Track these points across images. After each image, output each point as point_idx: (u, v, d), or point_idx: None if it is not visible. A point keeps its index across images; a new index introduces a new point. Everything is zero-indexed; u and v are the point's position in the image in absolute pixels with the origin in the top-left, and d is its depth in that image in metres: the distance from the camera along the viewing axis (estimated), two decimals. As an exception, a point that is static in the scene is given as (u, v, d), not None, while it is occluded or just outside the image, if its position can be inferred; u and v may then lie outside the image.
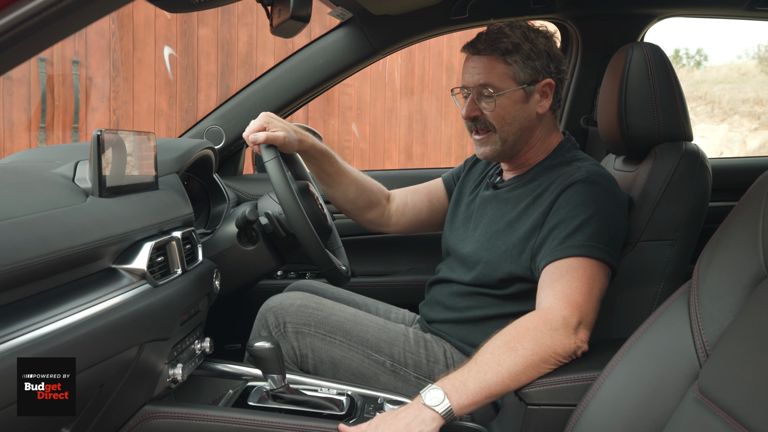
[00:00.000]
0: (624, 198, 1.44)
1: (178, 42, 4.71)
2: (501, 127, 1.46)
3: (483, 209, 1.56)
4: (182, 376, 1.26)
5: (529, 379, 1.18)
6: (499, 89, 1.43)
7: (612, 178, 1.44)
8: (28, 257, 0.84)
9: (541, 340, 1.19)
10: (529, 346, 1.18)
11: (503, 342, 1.19)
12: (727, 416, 0.84)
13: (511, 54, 1.43)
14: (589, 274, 1.29)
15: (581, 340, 1.23)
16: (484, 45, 1.44)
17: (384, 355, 1.47)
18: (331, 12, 1.95)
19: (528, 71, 1.44)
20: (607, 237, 1.33)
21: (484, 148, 1.50)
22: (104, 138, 1.11)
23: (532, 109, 1.47)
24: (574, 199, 1.36)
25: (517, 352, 1.17)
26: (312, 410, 1.27)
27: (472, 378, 1.16)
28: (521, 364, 1.17)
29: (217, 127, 2.01)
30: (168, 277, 1.20)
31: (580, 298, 1.25)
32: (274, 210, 1.53)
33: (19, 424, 0.84)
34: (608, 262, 1.32)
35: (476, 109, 1.46)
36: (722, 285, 0.96)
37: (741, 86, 10.62)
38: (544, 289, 1.30)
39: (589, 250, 1.30)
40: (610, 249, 1.32)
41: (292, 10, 1.18)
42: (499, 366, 1.16)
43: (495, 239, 1.46)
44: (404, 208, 1.77)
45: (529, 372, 1.18)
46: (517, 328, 1.21)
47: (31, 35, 0.61)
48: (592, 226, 1.32)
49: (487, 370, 1.16)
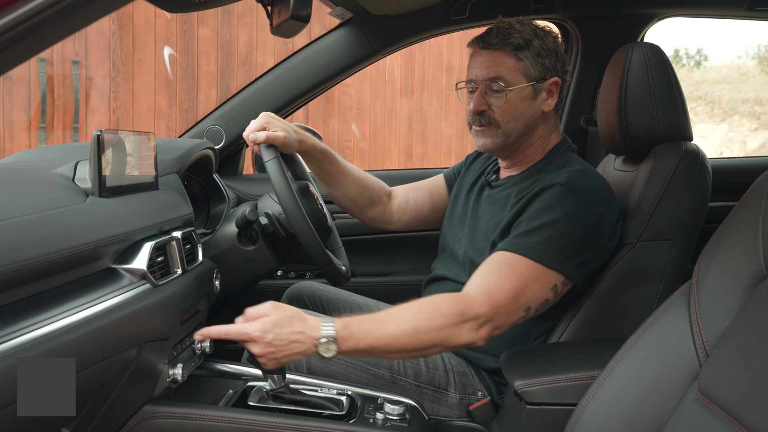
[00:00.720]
0: (604, 211, 1.37)
1: (178, 42, 4.71)
2: (506, 123, 1.46)
3: (476, 209, 1.56)
4: (182, 376, 1.26)
5: (410, 357, 1.30)
6: (510, 84, 1.43)
7: (598, 189, 1.39)
8: (28, 257, 0.84)
9: (446, 330, 1.22)
10: (433, 332, 1.21)
11: (413, 317, 1.22)
12: (727, 416, 0.84)
13: (522, 49, 1.43)
14: (525, 278, 1.29)
15: (480, 337, 1.25)
16: (496, 39, 1.43)
17: (383, 368, 1.46)
18: (331, 12, 1.95)
19: (538, 68, 1.44)
20: (564, 245, 1.31)
21: (484, 140, 1.49)
22: (104, 138, 1.10)
23: (538, 107, 1.47)
24: (544, 201, 1.35)
25: (418, 333, 1.20)
26: (312, 410, 1.27)
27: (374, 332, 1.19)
28: (414, 344, 1.20)
29: (217, 127, 2.01)
30: (168, 277, 1.19)
31: (503, 300, 1.26)
32: (274, 210, 1.53)
33: (19, 424, 0.84)
34: (560, 271, 1.31)
35: (484, 103, 1.46)
36: (722, 285, 0.96)
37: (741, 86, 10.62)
38: (478, 274, 1.31)
39: (535, 253, 1.30)
40: (565, 258, 1.31)
41: (292, 10, 1.18)
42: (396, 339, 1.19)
43: (483, 240, 1.46)
44: (406, 205, 1.77)
45: (416, 352, 1.23)
46: (433, 307, 1.23)
47: (31, 35, 0.61)
48: (551, 231, 1.31)
49: (387, 333, 1.19)
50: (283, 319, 1.17)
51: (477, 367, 1.50)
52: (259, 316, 1.18)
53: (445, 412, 1.46)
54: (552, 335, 1.46)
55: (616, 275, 1.43)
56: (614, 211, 1.41)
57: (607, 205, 1.39)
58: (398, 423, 1.23)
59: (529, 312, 1.31)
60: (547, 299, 1.33)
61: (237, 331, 1.17)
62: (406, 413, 1.25)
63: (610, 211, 1.39)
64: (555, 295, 1.34)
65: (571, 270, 1.32)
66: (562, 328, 1.45)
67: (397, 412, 1.24)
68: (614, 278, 1.43)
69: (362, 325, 1.19)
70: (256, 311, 1.19)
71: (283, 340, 1.15)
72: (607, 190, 1.42)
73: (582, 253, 1.33)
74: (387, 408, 1.25)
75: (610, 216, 1.39)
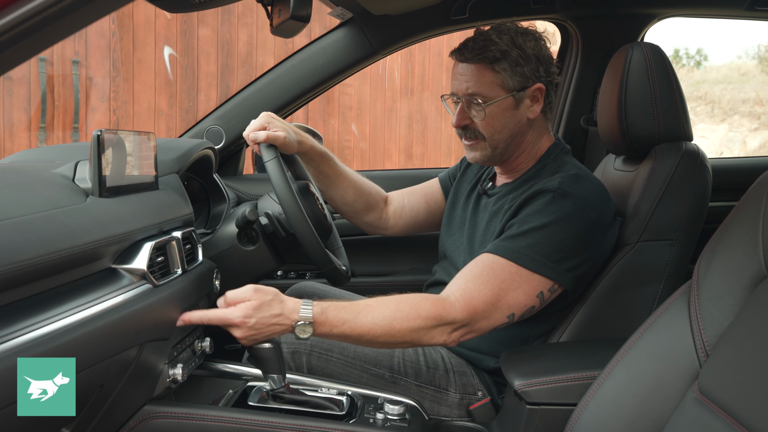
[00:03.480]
0: (597, 215, 1.36)
1: (178, 42, 4.71)
2: (491, 135, 1.45)
3: (474, 218, 1.56)
4: (182, 376, 1.26)
5: (379, 347, 1.35)
6: (488, 98, 1.41)
7: (591, 194, 1.38)
8: (28, 257, 0.84)
9: (419, 331, 1.26)
10: (406, 331, 1.25)
11: (390, 314, 1.25)
12: (727, 416, 0.84)
13: (498, 62, 1.39)
14: (507, 284, 1.29)
15: (452, 340, 1.29)
16: (471, 53, 1.40)
17: (383, 368, 1.46)
18: (331, 12, 1.95)
19: (517, 78, 1.41)
20: (552, 250, 1.30)
21: (474, 153, 1.49)
22: (104, 138, 1.10)
23: (523, 115, 1.45)
24: (534, 206, 1.35)
25: (392, 330, 1.24)
26: (312, 410, 1.27)
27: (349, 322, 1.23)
28: (386, 338, 1.25)
29: (217, 127, 2.01)
30: (168, 277, 1.19)
31: (481, 307, 1.28)
32: (274, 210, 1.53)
33: (19, 424, 0.84)
34: (547, 276, 1.31)
35: (466, 118, 1.45)
36: (722, 285, 0.96)
37: (741, 86, 10.62)
38: (460, 277, 1.33)
39: (520, 257, 1.30)
40: (551, 263, 1.30)
41: (292, 10, 1.18)
42: (369, 331, 1.24)
43: (481, 250, 1.46)
44: (402, 210, 1.77)
45: (386, 345, 1.28)
46: (411, 308, 1.26)
47: (31, 35, 0.61)
48: (539, 235, 1.31)
49: (362, 324, 1.23)
50: (264, 304, 1.20)
51: (477, 367, 1.50)
52: (240, 300, 1.21)
53: (445, 412, 1.46)
54: (552, 335, 1.46)
55: (616, 275, 1.43)
56: (608, 215, 1.40)
57: (601, 209, 1.38)
58: (398, 423, 1.23)
59: (513, 318, 1.32)
60: (533, 306, 1.33)
61: (219, 317, 1.21)
62: (406, 413, 1.25)
63: (604, 216, 1.38)
64: (541, 302, 1.34)
65: (559, 275, 1.32)
66: (561, 328, 1.45)
67: (397, 412, 1.24)
68: (614, 278, 1.43)
69: (339, 314, 1.23)
70: (236, 295, 1.22)
71: (264, 324, 1.20)
72: (602, 194, 1.41)
73: (571, 258, 1.32)
74: (387, 408, 1.25)
75: (603, 220, 1.38)
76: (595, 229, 1.35)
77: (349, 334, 1.24)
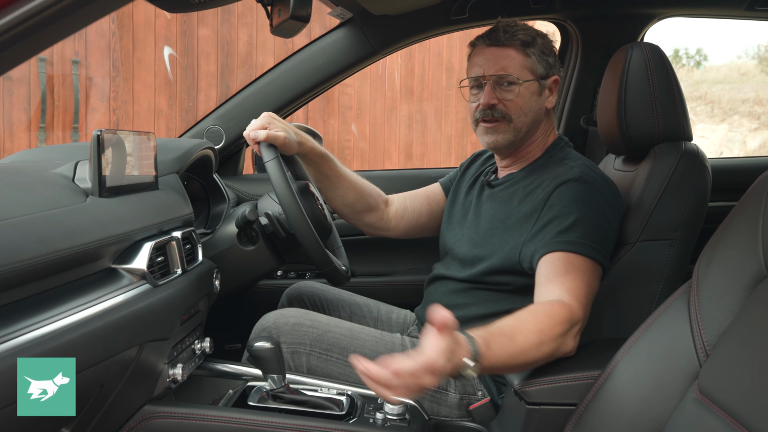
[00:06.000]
0: (615, 200, 1.42)
1: (178, 42, 4.71)
2: (518, 117, 1.48)
3: (478, 208, 1.57)
4: (182, 376, 1.26)
5: (519, 371, 1.20)
6: (520, 79, 1.46)
7: (604, 179, 1.44)
8: (28, 257, 0.84)
9: (559, 339, 1.17)
10: (552, 342, 1.16)
11: (536, 328, 1.14)
12: (727, 416, 0.84)
13: (529, 46, 1.47)
14: (588, 275, 1.29)
15: (576, 344, 1.23)
16: (505, 36, 1.46)
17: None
18: (331, 12, 1.95)
19: (543, 65, 1.48)
20: (598, 237, 1.33)
21: (495, 136, 1.49)
22: (104, 138, 1.11)
23: (542, 104, 1.51)
24: (567, 196, 1.37)
25: (542, 345, 1.14)
26: (312, 410, 1.27)
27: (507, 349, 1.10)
28: (535, 357, 1.15)
29: (217, 127, 2.01)
30: (168, 277, 1.20)
31: (585, 300, 1.26)
32: (274, 210, 1.53)
33: (19, 424, 0.84)
34: (600, 262, 1.32)
35: (494, 97, 1.47)
36: (722, 285, 0.96)
37: (741, 86, 10.62)
38: (551, 281, 1.28)
39: (582, 248, 1.31)
40: (601, 248, 1.33)
41: (292, 10, 1.18)
42: (524, 353, 1.12)
43: (490, 236, 1.47)
44: (403, 212, 1.77)
45: (528, 366, 1.18)
46: (547, 317, 1.17)
47: (31, 35, 0.61)
48: (585, 224, 1.33)
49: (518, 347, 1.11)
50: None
51: (477, 368, 1.50)
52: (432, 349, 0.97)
53: (445, 412, 1.46)
54: (552, 335, 1.46)
55: (616, 275, 1.43)
56: (620, 199, 1.46)
57: (615, 193, 1.44)
58: (398, 423, 1.23)
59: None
60: (597, 291, 1.33)
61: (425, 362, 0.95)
62: (406, 413, 1.25)
63: (617, 200, 1.44)
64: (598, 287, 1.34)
65: (605, 259, 1.34)
66: (562, 328, 1.44)
67: (396, 412, 1.24)
68: (614, 278, 1.43)
69: (498, 340, 1.08)
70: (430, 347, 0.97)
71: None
72: (610, 180, 1.47)
73: (607, 242, 1.37)
74: (387, 408, 1.25)
75: (618, 204, 1.44)
76: (616, 212, 1.41)
77: (507, 361, 1.11)
